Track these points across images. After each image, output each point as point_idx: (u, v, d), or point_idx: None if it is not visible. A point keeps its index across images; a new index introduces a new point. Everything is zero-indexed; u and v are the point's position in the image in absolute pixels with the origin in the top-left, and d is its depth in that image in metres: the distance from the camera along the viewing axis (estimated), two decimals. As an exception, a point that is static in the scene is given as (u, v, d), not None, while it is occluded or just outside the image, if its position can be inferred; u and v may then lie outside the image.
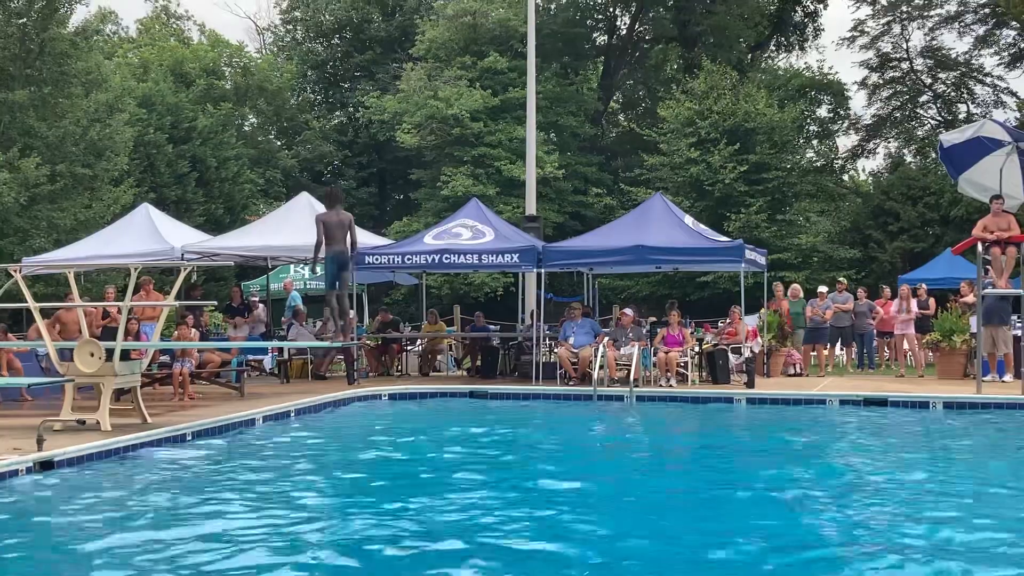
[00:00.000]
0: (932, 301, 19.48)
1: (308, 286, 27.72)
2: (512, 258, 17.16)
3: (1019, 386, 14.42)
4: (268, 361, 20.08)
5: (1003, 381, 16.11)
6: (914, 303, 18.90)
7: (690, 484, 8.88)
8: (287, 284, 21.66)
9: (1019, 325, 15.70)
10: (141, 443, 10.07)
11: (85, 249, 18.52)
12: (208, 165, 32.67)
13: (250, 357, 18.44)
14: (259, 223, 20.77)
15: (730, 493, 8.33)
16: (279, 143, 44.91)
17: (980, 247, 14.84)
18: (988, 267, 15.22)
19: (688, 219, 18.37)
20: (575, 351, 16.78)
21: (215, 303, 21.19)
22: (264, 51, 50.27)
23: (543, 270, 17.90)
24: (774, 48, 50.41)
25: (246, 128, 42.55)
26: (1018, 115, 37.14)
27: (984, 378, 15.23)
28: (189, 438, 10.79)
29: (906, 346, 19.08)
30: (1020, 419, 12.88)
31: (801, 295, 20.25)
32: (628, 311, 18.13)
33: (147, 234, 18.46)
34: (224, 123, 35.42)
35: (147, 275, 17.27)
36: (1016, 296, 15.28)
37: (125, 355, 11.38)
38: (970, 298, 17.22)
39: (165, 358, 15.13)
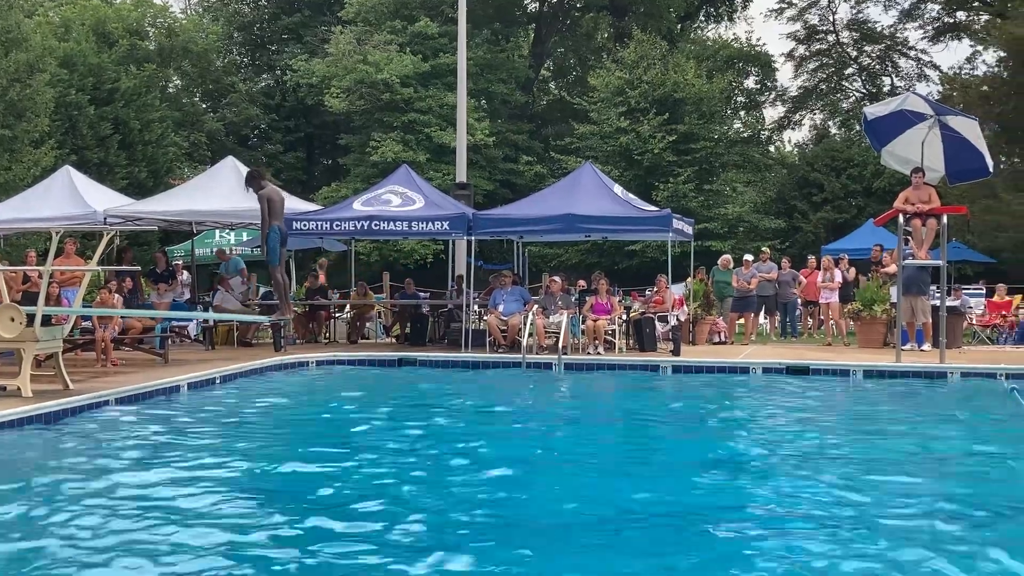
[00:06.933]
0: (853, 271, 19.86)
1: (233, 253, 27.36)
2: (442, 225, 17.12)
3: (937, 355, 14.79)
4: (193, 328, 19.83)
5: (922, 350, 16.50)
6: (837, 273, 19.27)
7: (612, 449, 8.99)
8: (220, 253, 21.11)
9: (938, 295, 16.06)
10: (63, 409, 9.91)
11: (4, 212, 18.08)
12: (131, 127, 31.92)
13: (174, 323, 18.19)
14: (184, 187, 20.44)
15: (650, 458, 8.49)
16: (204, 106, 44.09)
17: (901, 219, 15.12)
18: (909, 238, 15.55)
19: (617, 188, 18.48)
20: (504, 319, 16.84)
21: (139, 268, 20.83)
22: (189, 11, 49.16)
23: (473, 238, 17.91)
24: (703, 19, 50.78)
25: (170, 90, 41.67)
26: (940, 89, 37.88)
27: (903, 347, 15.60)
28: (111, 404, 10.64)
29: (830, 315, 19.44)
30: (937, 387, 13.24)
31: (731, 266, 20.47)
32: (557, 279, 18.21)
33: (68, 197, 18.07)
34: (148, 85, 34.61)
35: (70, 239, 16.93)
36: (935, 267, 15.63)
37: (47, 320, 11.17)
38: (891, 268, 17.58)
39: (87, 324, 14.86)
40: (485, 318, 17.80)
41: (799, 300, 21.12)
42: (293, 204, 18.32)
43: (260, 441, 9.20)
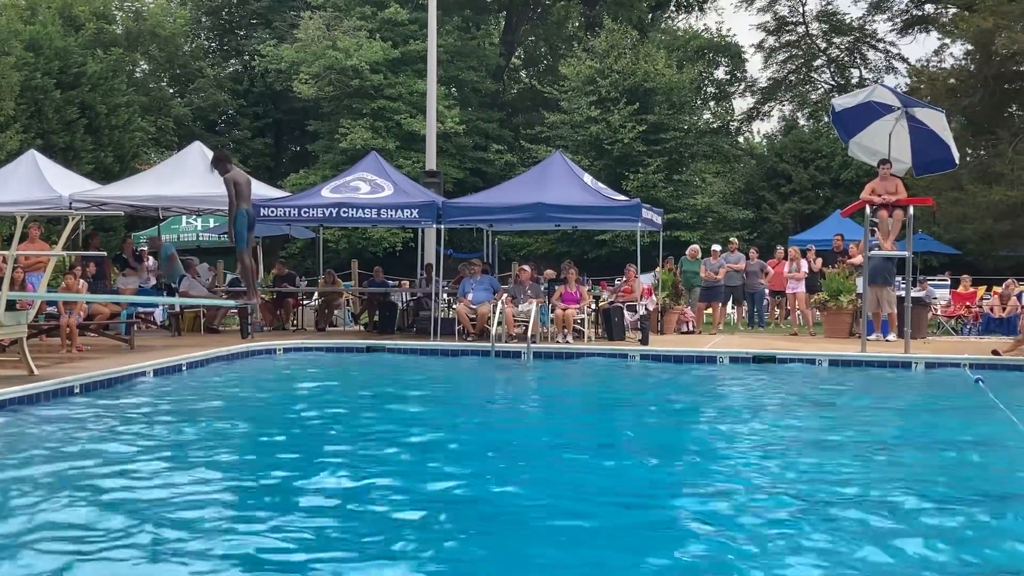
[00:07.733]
0: (820, 261, 20.00)
1: (200, 239, 27.21)
2: (412, 213, 17.07)
3: (902, 345, 14.92)
4: (159, 314, 19.69)
5: (887, 340, 16.65)
6: (804, 263, 19.39)
7: (580, 436, 9.01)
8: (153, 241, 20.94)
9: (903, 286, 16.20)
10: (28, 395, 9.81)
11: (-32, 196, 17.86)
12: (98, 112, 31.61)
13: (140, 309, 18.05)
14: (150, 172, 20.28)
15: (614, 446, 8.52)
16: (171, 91, 43.73)
17: (868, 210, 15.24)
18: (875, 229, 15.67)
19: (587, 178, 18.50)
20: (473, 307, 16.83)
21: (105, 253, 20.65)
22: (157, -5, 48.75)
23: (443, 226, 17.88)
24: (674, 9, 50.82)
25: (137, 75, 41.26)
26: (908, 81, 38.11)
27: (869, 337, 15.74)
28: (77, 391, 10.55)
29: (797, 305, 19.59)
30: (901, 376, 13.37)
31: (700, 256, 20.59)
32: (527, 268, 18.23)
33: (34, 182, 17.92)
34: (114, 69, 34.23)
35: (34, 223, 16.76)
36: (901, 258, 15.75)
37: (11, 306, 11.05)
38: (857, 259, 17.71)
39: (52, 309, 14.73)
40: (454, 306, 17.79)
41: (766, 290, 21.25)
42: (261, 191, 18.21)
43: (223, 427, 9.14)
